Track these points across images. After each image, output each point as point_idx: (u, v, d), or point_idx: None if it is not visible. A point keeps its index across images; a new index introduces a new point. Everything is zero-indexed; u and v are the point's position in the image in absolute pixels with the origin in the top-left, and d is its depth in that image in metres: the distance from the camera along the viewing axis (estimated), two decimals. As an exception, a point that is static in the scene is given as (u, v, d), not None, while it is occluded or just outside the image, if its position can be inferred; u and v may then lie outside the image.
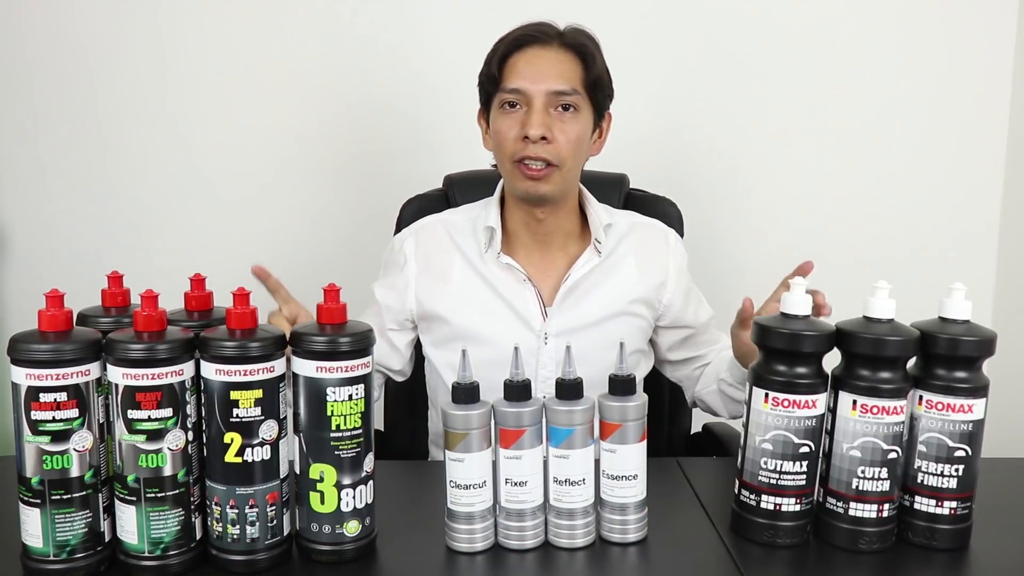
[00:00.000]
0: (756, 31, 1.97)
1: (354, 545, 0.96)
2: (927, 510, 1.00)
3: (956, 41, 1.99)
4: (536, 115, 1.31)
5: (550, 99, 1.32)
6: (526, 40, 1.34)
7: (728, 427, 1.54)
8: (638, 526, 1.00)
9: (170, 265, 1.51)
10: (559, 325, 1.41)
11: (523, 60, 1.34)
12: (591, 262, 1.42)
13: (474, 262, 1.43)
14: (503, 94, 1.34)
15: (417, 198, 1.64)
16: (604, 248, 1.43)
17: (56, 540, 0.90)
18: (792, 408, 0.98)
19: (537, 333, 1.41)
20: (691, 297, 1.50)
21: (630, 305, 1.43)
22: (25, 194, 1.97)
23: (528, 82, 1.32)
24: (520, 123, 1.32)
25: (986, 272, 2.08)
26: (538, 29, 1.35)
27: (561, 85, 1.32)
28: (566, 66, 1.34)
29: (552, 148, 1.32)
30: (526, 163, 1.32)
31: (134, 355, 0.88)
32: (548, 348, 1.41)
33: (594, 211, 1.44)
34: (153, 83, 1.94)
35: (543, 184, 1.33)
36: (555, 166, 1.33)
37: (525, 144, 1.31)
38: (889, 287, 0.99)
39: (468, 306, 1.41)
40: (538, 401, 0.98)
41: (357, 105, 1.97)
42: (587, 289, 1.42)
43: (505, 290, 1.41)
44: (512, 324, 1.40)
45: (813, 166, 2.03)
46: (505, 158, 1.35)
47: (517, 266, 1.41)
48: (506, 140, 1.34)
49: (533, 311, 1.41)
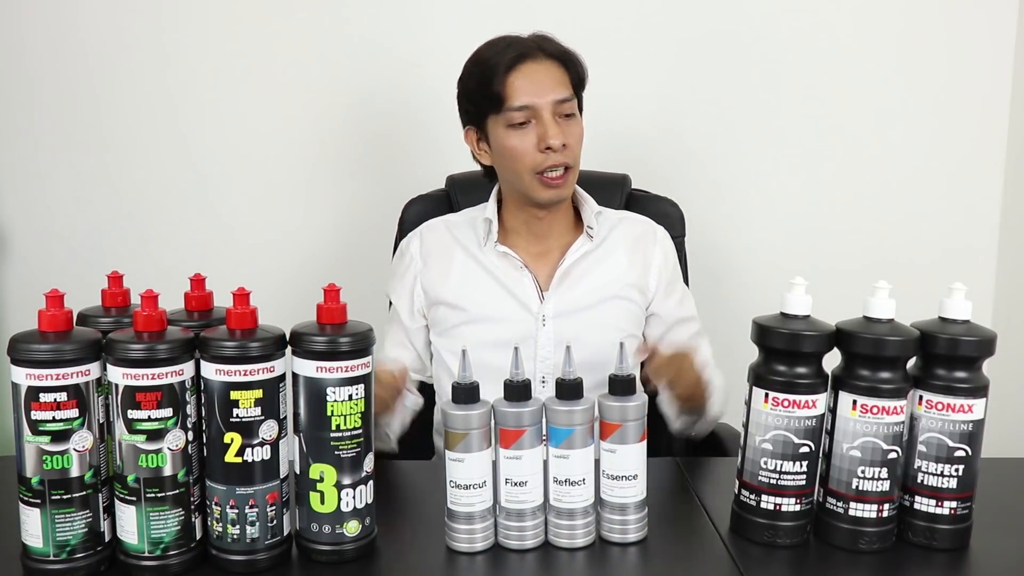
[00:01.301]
0: (757, 32, 1.97)
1: (354, 545, 0.96)
2: (927, 510, 1.00)
3: (956, 42, 1.99)
4: (552, 126, 1.36)
5: (556, 108, 1.38)
6: (518, 58, 1.38)
7: (728, 427, 1.54)
8: (638, 526, 1.00)
9: (170, 265, 1.51)
10: (556, 307, 1.46)
11: (521, 77, 1.37)
12: (584, 247, 1.48)
13: (474, 253, 1.49)
14: (511, 113, 1.37)
15: (419, 199, 1.64)
16: (596, 235, 1.49)
17: (56, 540, 0.90)
18: (792, 408, 0.98)
19: (535, 315, 1.46)
20: (675, 290, 1.54)
21: (623, 289, 1.49)
22: (25, 194, 1.97)
23: (534, 97, 1.37)
24: (537, 136, 1.37)
25: (986, 272, 2.08)
26: (523, 47, 1.38)
27: (562, 93, 1.38)
28: (558, 74, 1.39)
29: (568, 152, 1.38)
30: (547, 173, 1.38)
31: (134, 355, 0.88)
32: (546, 330, 1.46)
33: (587, 201, 1.51)
34: (154, 83, 1.94)
35: (564, 188, 1.41)
36: (571, 168, 1.40)
37: (547, 155, 1.37)
38: (889, 287, 0.99)
39: (471, 291, 1.47)
40: (538, 401, 0.98)
41: (359, 106, 1.97)
42: (581, 274, 1.47)
43: (504, 276, 1.47)
44: (512, 306, 1.46)
45: (814, 167, 2.03)
46: (524, 172, 1.39)
47: (514, 254, 1.47)
48: (525, 155, 1.38)
49: (531, 293, 1.46)
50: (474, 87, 1.41)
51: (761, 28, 1.97)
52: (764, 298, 1.27)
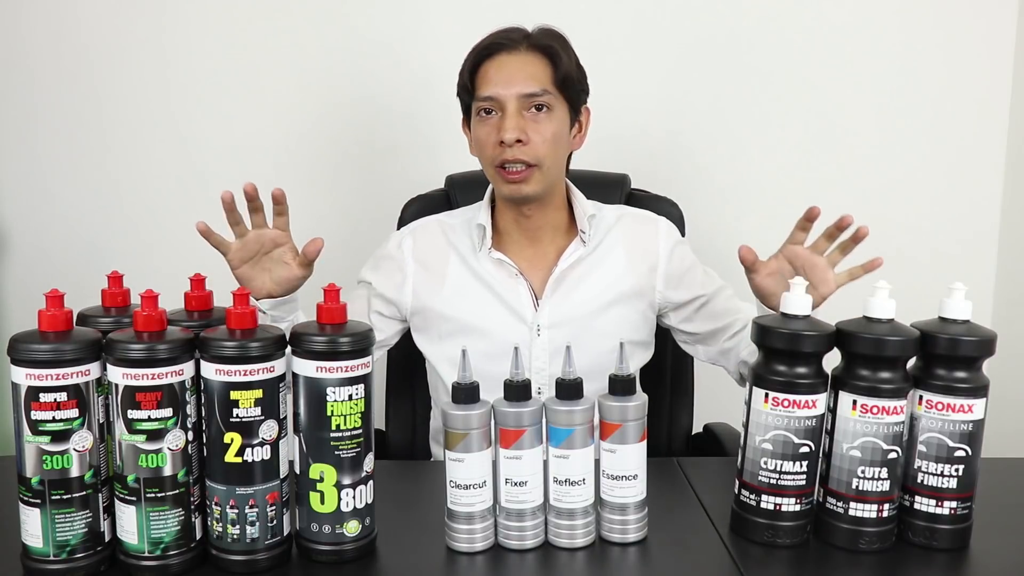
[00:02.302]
0: (757, 32, 1.97)
1: (354, 545, 0.96)
2: (927, 510, 1.00)
3: (956, 42, 1.99)
4: (509, 119, 1.34)
5: (522, 102, 1.35)
6: (494, 48, 1.38)
7: (728, 427, 1.54)
8: (638, 526, 1.00)
9: (170, 265, 1.51)
10: (551, 316, 1.43)
11: (493, 67, 1.37)
12: (577, 252, 1.45)
13: (468, 259, 1.46)
14: (478, 103, 1.37)
15: (418, 198, 1.64)
16: (591, 239, 1.46)
17: (56, 540, 0.91)
18: (792, 408, 0.98)
19: (529, 325, 1.43)
20: (696, 270, 1.51)
21: (621, 294, 1.45)
22: (25, 194, 1.97)
23: (499, 88, 1.35)
24: (496, 128, 1.36)
25: (986, 272, 2.08)
26: (505, 36, 1.39)
27: (531, 87, 1.35)
28: (534, 68, 1.37)
29: (529, 149, 1.35)
30: (506, 167, 1.36)
31: (134, 355, 0.88)
32: (541, 340, 1.43)
33: (579, 204, 1.47)
34: (153, 83, 1.94)
35: (525, 185, 1.37)
36: (535, 166, 1.36)
37: (503, 149, 1.35)
38: (889, 287, 0.99)
39: (463, 301, 1.44)
40: (538, 401, 0.98)
41: (359, 105, 1.97)
42: (576, 280, 1.44)
43: (498, 285, 1.44)
44: (505, 317, 1.43)
45: (814, 166, 2.03)
46: (487, 164, 1.39)
47: (508, 261, 1.44)
48: (486, 146, 1.38)
49: (525, 303, 1.44)
50: (459, 77, 1.41)
51: (761, 28, 1.97)
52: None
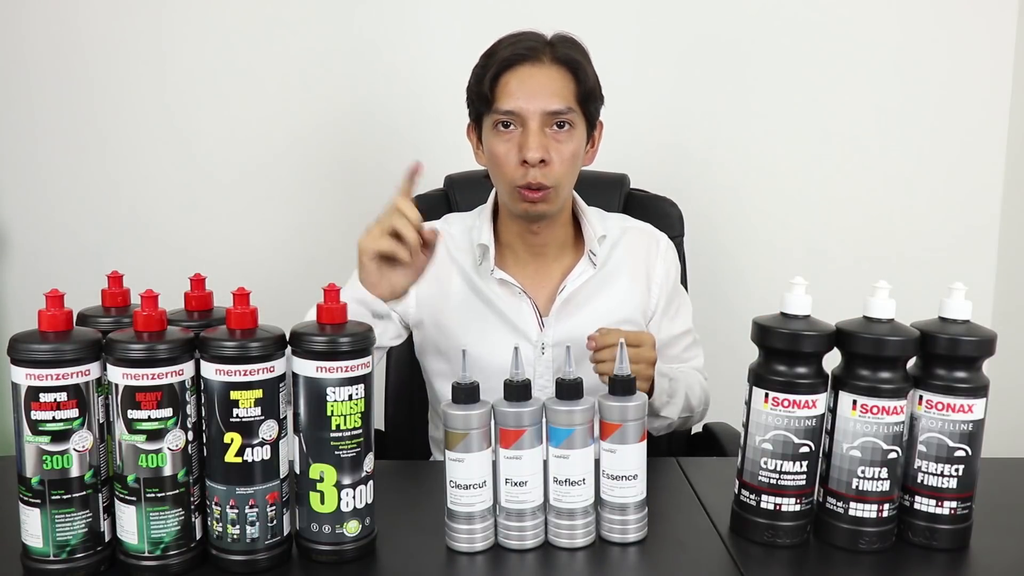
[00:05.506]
0: (756, 31, 1.97)
1: (354, 545, 0.96)
2: (927, 510, 1.00)
3: (956, 41, 1.99)
4: (533, 137, 1.28)
5: (545, 119, 1.30)
6: (516, 59, 1.31)
7: (728, 427, 1.54)
8: (638, 526, 1.00)
9: (170, 265, 1.51)
10: (556, 336, 1.39)
11: (515, 80, 1.30)
12: (586, 273, 1.41)
13: (471, 277, 1.42)
14: (497, 115, 1.31)
15: (418, 198, 1.63)
16: (598, 259, 1.42)
17: (56, 540, 0.90)
18: (792, 408, 0.98)
19: (534, 344, 1.40)
20: (671, 306, 1.48)
21: (625, 317, 1.42)
22: (25, 194, 1.97)
23: (522, 103, 1.29)
24: (517, 146, 1.30)
25: (986, 272, 2.08)
26: (528, 46, 1.32)
27: (556, 104, 1.30)
28: (559, 83, 1.31)
29: (550, 171, 1.30)
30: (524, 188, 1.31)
31: (134, 355, 0.88)
32: (545, 358, 1.40)
33: (588, 222, 1.43)
34: (153, 84, 1.94)
35: (541, 205, 1.33)
36: (552, 187, 1.31)
37: (525, 170, 1.30)
38: (889, 287, 0.99)
39: (466, 321, 1.40)
40: (538, 401, 0.98)
41: (358, 105, 1.98)
42: (582, 301, 1.41)
43: (502, 304, 1.40)
44: (509, 338, 1.38)
45: (813, 166, 2.03)
46: (504, 182, 1.34)
47: (511, 280, 1.40)
48: (505, 165, 1.32)
49: (530, 322, 1.40)
50: (474, 82, 1.35)
51: (761, 28, 1.97)
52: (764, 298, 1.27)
